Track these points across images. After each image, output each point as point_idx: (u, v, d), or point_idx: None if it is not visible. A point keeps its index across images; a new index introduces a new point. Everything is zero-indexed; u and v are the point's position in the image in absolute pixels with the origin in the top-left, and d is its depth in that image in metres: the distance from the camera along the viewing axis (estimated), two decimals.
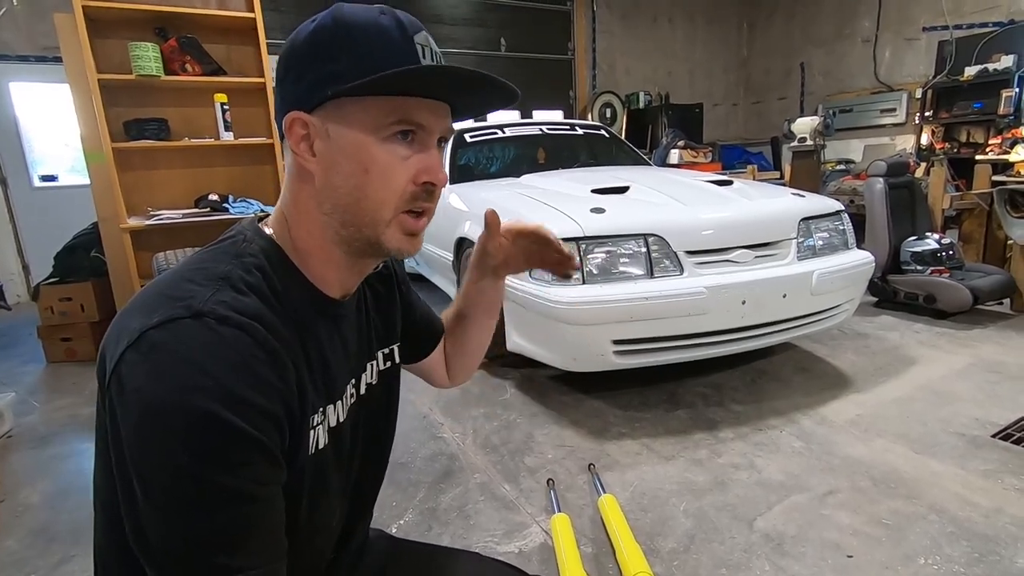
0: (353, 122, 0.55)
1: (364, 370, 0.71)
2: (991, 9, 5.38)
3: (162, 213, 3.02)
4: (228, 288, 0.52)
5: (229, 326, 0.49)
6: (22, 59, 4.50)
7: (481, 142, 3.64)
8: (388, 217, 0.57)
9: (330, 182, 0.57)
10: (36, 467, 2.08)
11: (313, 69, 0.55)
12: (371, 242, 0.58)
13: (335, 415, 0.63)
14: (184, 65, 2.99)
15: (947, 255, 3.28)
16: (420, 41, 0.56)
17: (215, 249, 0.58)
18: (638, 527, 1.55)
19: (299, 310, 0.58)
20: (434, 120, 0.58)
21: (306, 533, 0.61)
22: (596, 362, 2.13)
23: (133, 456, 0.47)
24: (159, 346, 0.47)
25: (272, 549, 0.51)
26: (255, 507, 0.49)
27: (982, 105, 5.18)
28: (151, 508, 0.47)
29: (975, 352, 2.71)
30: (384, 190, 0.56)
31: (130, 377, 0.47)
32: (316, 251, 0.60)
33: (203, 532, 0.47)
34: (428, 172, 0.58)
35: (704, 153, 5.29)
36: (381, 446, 0.78)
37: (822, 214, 2.45)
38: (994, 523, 1.52)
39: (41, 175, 4.82)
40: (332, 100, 0.55)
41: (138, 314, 0.50)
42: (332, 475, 0.64)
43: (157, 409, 0.46)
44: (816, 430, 2.05)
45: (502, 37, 6.50)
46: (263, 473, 0.50)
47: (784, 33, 7.50)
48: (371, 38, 0.54)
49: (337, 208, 0.57)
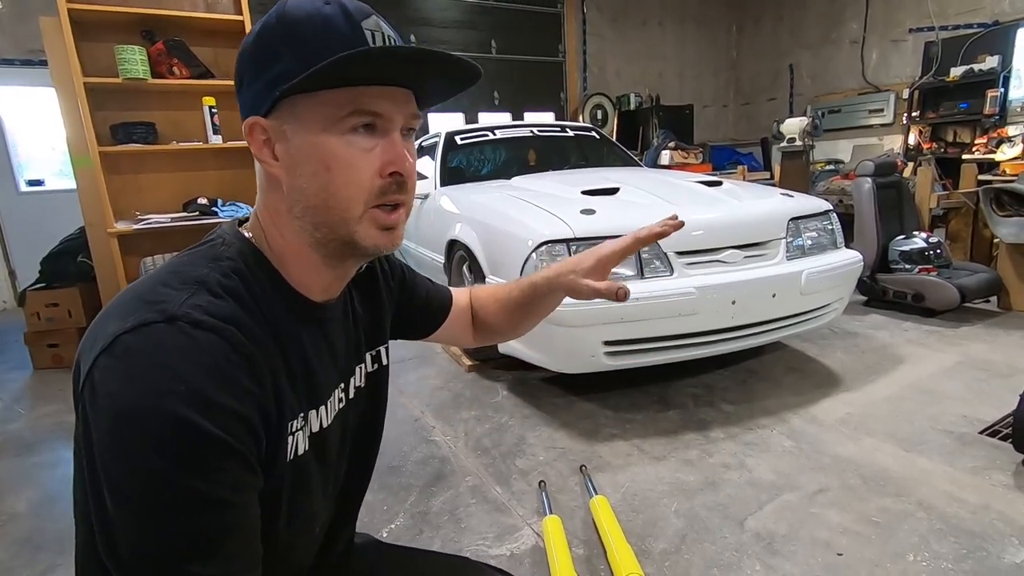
0: (308, 120, 0.53)
1: (352, 374, 0.70)
2: (975, 11, 5.44)
3: (150, 217, 3.00)
4: (204, 292, 0.51)
5: (203, 330, 0.48)
6: (7, 62, 4.45)
7: (471, 144, 3.64)
8: (358, 214, 0.56)
9: (296, 184, 0.55)
10: (21, 475, 2.06)
11: (262, 72, 0.54)
12: (346, 242, 0.57)
13: (318, 420, 0.62)
14: (171, 68, 2.96)
15: (935, 254, 3.31)
16: (369, 27, 0.54)
17: (193, 253, 0.57)
18: (630, 528, 1.55)
19: (278, 314, 0.57)
20: (393, 107, 0.55)
21: (286, 539, 0.60)
22: (587, 363, 2.13)
23: (105, 462, 0.46)
24: (132, 350, 0.47)
25: (247, 556, 0.50)
26: (229, 513, 0.48)
27: (968, 105, 5.23)
28: (122, 515, 0.46)
29: (963, 350, 2.73)
30: (350, 186, 0.54)
31: (103, 382, 0.47)
32: (293, 255, 0.59)
33: (176, 539, 0.46)
34: (394, 163, 0.55)
35: (695, 154, 5.32)
36: (367, 450, 0.77)
37: (811, 214, 2.46)
38: (982, 519, 1.53)
39: (27, 180, 4.77)
40: (285, 100, 0.53)
41: (113, 319, 0.49)
42: (314, 480, 0.63)
43: (129, 414, 0.45)
44: (806, 429, 2.05)
45: (492, 40, 6.50)
46: (237, 479, 0.49)
47: (773, 35, 7.56)
48: (316, 31, 0.52)
49: (307, 211, 0.56)
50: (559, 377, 2.48)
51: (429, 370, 2.82)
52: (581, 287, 0.76)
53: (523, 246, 2.14)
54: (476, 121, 6.40)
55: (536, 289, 0.83)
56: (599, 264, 0.77)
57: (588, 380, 2.43)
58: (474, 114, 6.54)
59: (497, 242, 2.38)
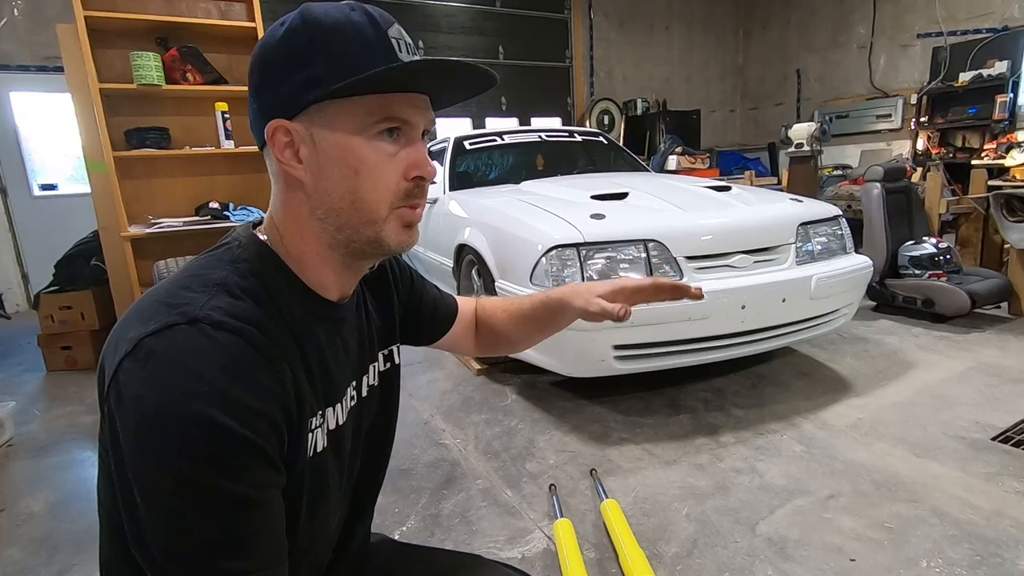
0: (337, 125, 0.55)
1: (366, 372, 0.71)
2: (985, 16, 5.44)
3: (163, 221, 3.03)
4: (224, 294, 0.52)
5: (224, 331, 0.49)
6: (23, 69, 4.52)
7: (480, 149, 3.66)
8: (385, 214, 0.58)
9: (321, 187, 0.56)
10: (37, 476, 2.08)
11: (290, 75, 0.55)
12: (371, 241, 0.58)
13: (335, 418, 0.63)
14: (185, 74, 3.00)
15: (944, 259, 3.30)
16: (394, 35, 0.56)
17: (210, 256, 0.58)
18: (641, 532, 1.55)
19: (296, 314, 0.58)
20: (417, 114, 0.57)
21: (305, 536, 0.61)
22: (597, 367, 2.13)
23: (133, 463, 0.48)
24: (156, 353, 0.48)
25: (274, 551, 0.51)
26: (255, 511, 0.49)
27: (977, 110, 5.22)
28: (151, 515, 0.48)
29: (974, 356, 2.72)
30: (377, 189, 0.56)
31: (128, 385, 0.48)
32: (311, 256, 0.60)
33: (204, 537, 0.47)
34: (417, 167, 0.58)
35: (702, 159, 5.33)
36: (381, 447, 0.78)
37: (820, 219, 2.46)
38: (995, 526, 1.52)
39: (41, 184, 4.83)
40: (314, 105, 0.54)
41: (135, 323, 0.51)
42: (332, 477, 0.64)
43: (155, 416, 0.46)
44: (817, 434, 2.05)
45: (500, 45, 6.55)
46: (262, 477, 0.50)
47: (780, 40, 7.57)
48: (346, 38, 0.54)
49: (331, 212, 0.57)
50: (568, 381, 2.49)
51: (439, 373, 2.83)
52: (593, 305, 0.78)
53: (533, 250, 2.15)
54: (483, 126, 6.44)
55: (549, 303, 0.85)
56: (614, 293, 0.80)
57: (598, 384, 2.43)
58: (481, 119, 6.58)
59: (507, 246, 2.39)
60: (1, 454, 2.23)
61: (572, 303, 0.81)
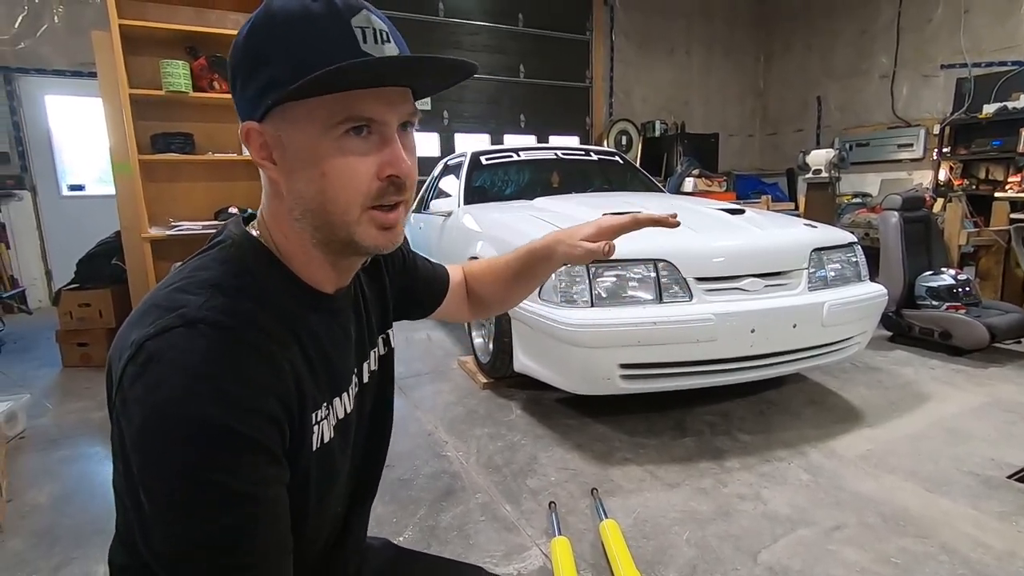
0: (301, 126, 0.53)
1: (367, 358, 0.72)
2: (1010, 48, 5.39)
3: (182, 224, 3.09)
4: (219, 294, 0.53)
5: (222, 330, 0.50)
6: (58, 73, 4.68)
7: (496, 165, 3.69)
8: (355, 216, 0.55)
9: (294, 189, 0.55)
10: (44, 469, 2.11)
11: (253, 76, 0.53)
12: (346, 242, 0.57)
13: (342, 407, 0.64)
14: (212, 83, 3.09)
15: (963, 291, 3.24)
16: (359, 24, 0.52)
17: (203, 257, 0.58)
18: (639, 554, 1.53)
19: (292, 309, 0.58)
20: (387, 109, 0.54)
21: (313, 526, 0.62)
22: (603, 385, 2.12)
23: (138, 464, 0.49)
24: (155, 356, 0.48)
25: (277, 547, 0.52)
26: (258, 508, 0.50)
27: (1001, 143, 5.15)
28: (157, 513, 0.48)
29: (991, 391, 2.65)
30: (346, 190, 0.54)
31: (131, 389, 0.49)
32: (298, 253, 0.60)
33: (208, 535, 0.48)
34: (391, 165, 0.55)
35: (719, 182, 5.31)
36: (382, 433, 0.79)
37: (835, 245, 2.44)
38: (1007, 567, 1.47)
39: (69, 184, 4.98)
40: (277, 107, 0.53)
41: (135, 327, 0.51)
42: (339, 467, 0.65)
43: (157, 418, 0.47)
44: (825, 463, 2.01)
45: (521, 64, 6.64)
46: (265, 474, 0.50)
47: (801, 66, 7.56)
48: (302, 32, 0.51)
49: (306, 213, 0.56)
50: (574, 398, 2.47)
51: (444, 385, 2.83)
52: (577, 248, 0.82)
53: None
54: (502, 142, 6.50)
55: (533, 254, 0.88)
56: (598, 233, 0.83)
57: (603, 402, 2.42)
58: (500, 136, 6.64)
59: None
60: (13, 445, 2.27)
61: (557, 250, 0.84)
